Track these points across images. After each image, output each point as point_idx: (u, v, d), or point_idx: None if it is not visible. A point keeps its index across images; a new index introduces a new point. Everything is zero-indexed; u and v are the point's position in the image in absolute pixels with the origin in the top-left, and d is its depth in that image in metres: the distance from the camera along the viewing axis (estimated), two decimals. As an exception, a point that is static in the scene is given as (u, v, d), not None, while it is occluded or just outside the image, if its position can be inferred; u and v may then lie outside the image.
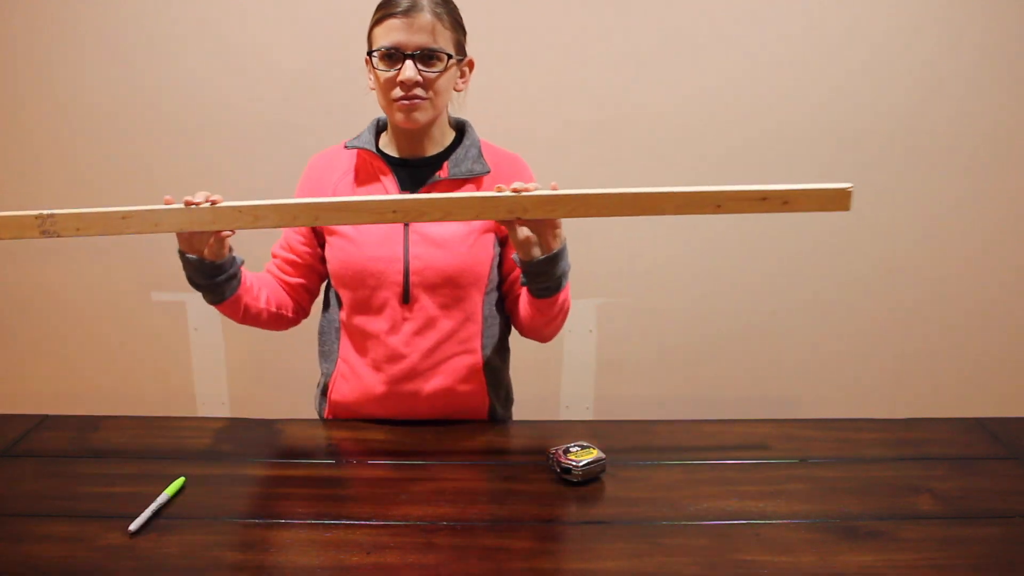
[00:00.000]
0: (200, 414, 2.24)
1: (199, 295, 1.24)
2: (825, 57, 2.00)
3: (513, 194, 1.08)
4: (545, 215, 1.10)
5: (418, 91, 1.21)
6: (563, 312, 1.29)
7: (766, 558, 0.99)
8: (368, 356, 1.32)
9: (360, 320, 1.31)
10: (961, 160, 2.09)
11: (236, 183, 2.04)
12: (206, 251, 1.17)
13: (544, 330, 1.33)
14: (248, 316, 1.30)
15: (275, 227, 1.13)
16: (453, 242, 1.27)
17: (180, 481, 1.13)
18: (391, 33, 1.19)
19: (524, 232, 1.13)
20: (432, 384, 1.31)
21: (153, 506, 1.07)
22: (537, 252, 1.15)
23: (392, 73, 1.20)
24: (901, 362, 2.24)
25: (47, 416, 1.36)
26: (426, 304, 1.28)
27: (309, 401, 1.47)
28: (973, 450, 1.27)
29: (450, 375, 1.32)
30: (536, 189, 1.09)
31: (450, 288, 1.28)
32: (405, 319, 1.29)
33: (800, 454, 1.26)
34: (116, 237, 2.09)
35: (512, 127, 1.58)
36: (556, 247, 1.15)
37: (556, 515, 1.09)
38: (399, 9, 1.19)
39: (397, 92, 1.21)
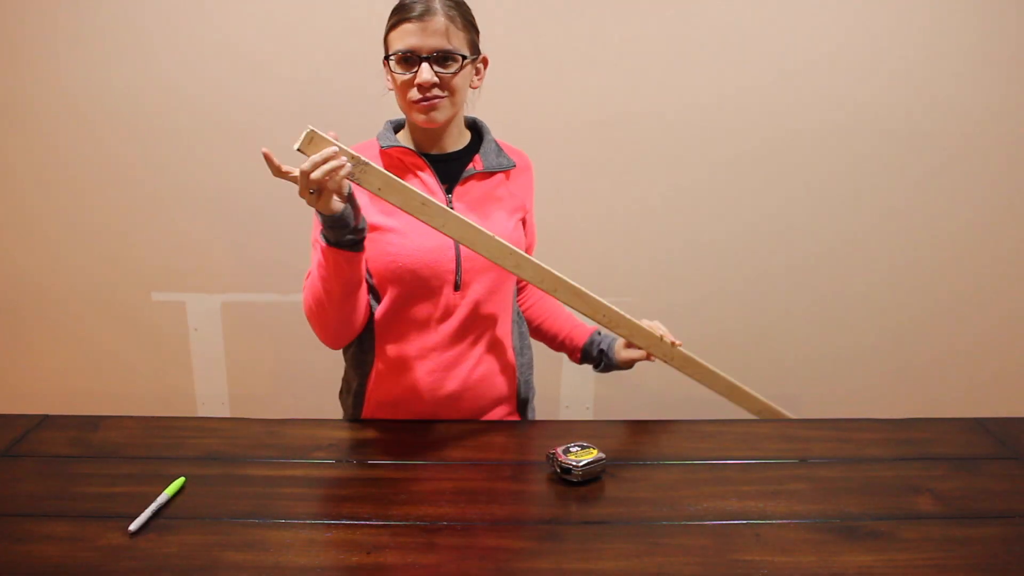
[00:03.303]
0: (200, 414, 2.24)
1: (199, 295, 1.23)
2: (835, 62, 2.00)
3: (667, 343, 1.44)
4: (679, 368, 1.48)
5: (435, 91, 1.24)
6: None
7: (766, 558, 0.99)
8: (415, 345, 1.33)
9: (409, 312, 1.32)
10: (962, 162, 2.08)
11: (237, 185, 2.05)
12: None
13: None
14: (356, 301, 1.26)
15: (429, 224, 1.21)
16: (496, 230, 1.29)
17: (180, 481, 1.14)
18: (406, 37, 1.22)
19: (640, 354, 1.44)
20: (477, 372, 1.36)
21: (153, 506, 1.07)
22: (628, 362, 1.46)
23: (409, 76, 1.23)
24: (901, 362, 2.24)
25: (47, 416, 1.36)
26: (476, 290, 1.33)
27: (309, 400, 1.47)
28: (973, 450, 1.27)
29: (491, 363, 1.38)
30: (678, 344, 1.45)
31: (494, 273, 1.33)
32: (456, 305, 1.32)
33: (800, 454, 1.26)
34: (114, 234, 2.12)
35: (515, 126, 1.59)
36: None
37: (556, 515, 1.09)
38: (413, 14, 1.22)
39: (415, 94, 1.24)
